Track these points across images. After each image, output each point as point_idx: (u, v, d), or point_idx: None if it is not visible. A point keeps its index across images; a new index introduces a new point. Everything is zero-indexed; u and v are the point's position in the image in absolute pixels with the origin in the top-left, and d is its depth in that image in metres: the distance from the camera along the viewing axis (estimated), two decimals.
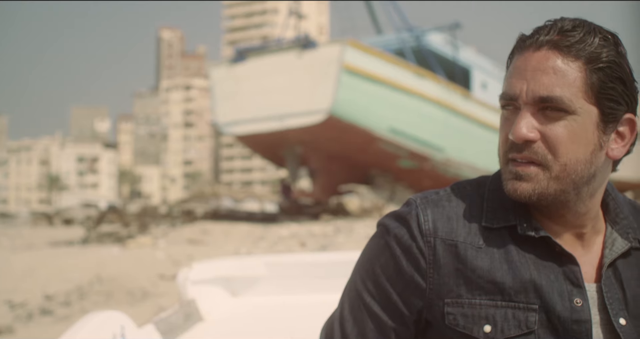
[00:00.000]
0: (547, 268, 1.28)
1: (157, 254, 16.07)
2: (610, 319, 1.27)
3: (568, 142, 1.22)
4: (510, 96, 1.26)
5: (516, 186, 1.26)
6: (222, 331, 2.83)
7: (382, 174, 28.27)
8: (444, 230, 1.31)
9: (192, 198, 36.62)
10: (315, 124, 25.21)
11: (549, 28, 1.25)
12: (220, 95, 27.60)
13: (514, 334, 1.25)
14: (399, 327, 1.35)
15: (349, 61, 25.24)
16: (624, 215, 1.37)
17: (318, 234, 19.53)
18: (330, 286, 3.12)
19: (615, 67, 1.23)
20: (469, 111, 30.24)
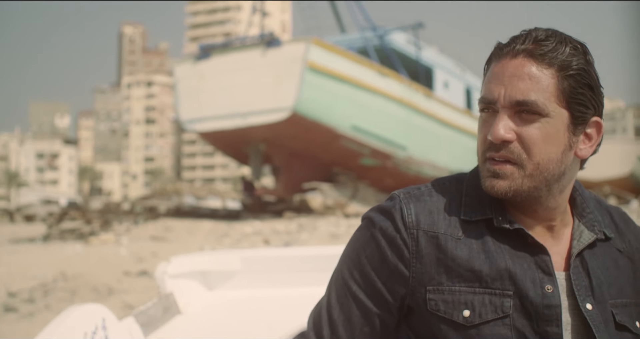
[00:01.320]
0: (521, 257, 1.40)
1: (120, 251, 16.03)
2: (578, 304, 1.39)
3: (541, 142, 1.35)
4: (489, 99, 1.38)
5: (494, 183, 1.38)
6: (200, 323, 2.91)
7: (344, 172, 28.38)
8: (426, 223, 1.43)
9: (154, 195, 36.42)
10: (278, 121, 25.25)
11: (524, 37, 1.38)
12: (183, 92, 27.50)
13: (490, 318, 1.37)
14: (383, 313, 1.47)
15: (312, 59, 25.31)
16: (590, 209, 1.50)
17: (281, 232, 19.60)
18: (304, 279, 3.22)
19: (584, 75, 1.36)
20: (431, 109, 30.48)
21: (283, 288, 3.20)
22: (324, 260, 3.24)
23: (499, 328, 1.37)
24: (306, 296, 3.10)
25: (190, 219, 25.64)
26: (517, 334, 1.36)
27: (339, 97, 26.15)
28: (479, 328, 1.37)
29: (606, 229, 1.50)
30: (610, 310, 1.42)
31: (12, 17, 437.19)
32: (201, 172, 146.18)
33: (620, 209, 1.61)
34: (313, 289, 3.14)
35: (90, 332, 2.26)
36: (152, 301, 2.84)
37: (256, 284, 3.21)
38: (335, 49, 26.56)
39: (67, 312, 2.25)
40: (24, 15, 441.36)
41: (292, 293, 3.17)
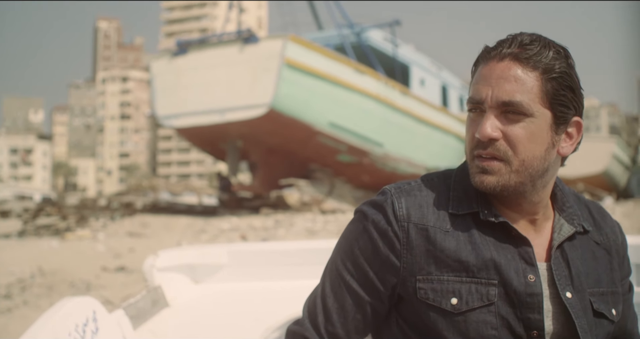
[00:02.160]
0: (505, 249, 1.49)
1: (97, 247, 15.99)
2: (559, 293, 1.49)
3: (526, 141, 1.44)
4: (477, 100, 1.47)
5: (482, 178, 1.47)
6: (187, 315, 2.98)
7: (321, 168, 28.44)
8: (416, 216, 1.52)
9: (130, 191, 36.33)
10: (256, 118, 25.24)
11: (510, 41, 1.47)
12: (160, 87, 27.41)
13: (477, 305, 1.46)
14: (375, 301, 1.55)
15: (290, 56, 25.33)
16: (570, 204, 1.60)
17: (258, 228, 19.62)
18: (290, 273, 3.31)
19: (566, 77, 1.45)
20: (407, 107, 30.61)
21: (269, 281, 3.28)
22: (309, 254, 3.33)
23: (484, 314, 1.46)
24: (292, 289, 3.19)
25: (167, 215, 25.59)
26: (501, 321, 1.45)
27: (316, 94, 26.20)
28: (465, 315, 1.46)
29: (585, 222, 1.60)
30: (589, 298, 1.52)
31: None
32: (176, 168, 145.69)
33: (597, 203, 1.71)
34: (298, 282, 3.23)
35: (81, 324, 2.32)
36: (141, 294, 2.90)
37: (243, 278, 3.28)
38: (312, 46, 26.60)
39: (59, 304, 2.31)
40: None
41: (278, 286, 3.25)
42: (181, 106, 26.64)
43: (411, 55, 32.89)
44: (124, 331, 2.64)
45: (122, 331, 2.63)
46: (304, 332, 1.61)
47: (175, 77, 26.85)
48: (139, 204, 28.26)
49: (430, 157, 32.13)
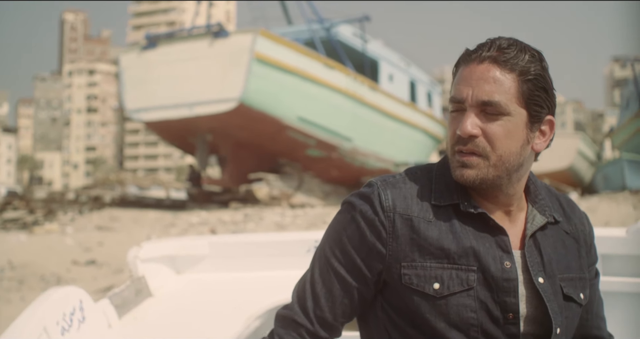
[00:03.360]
0: (483, 237, 1.61)
1: (66, 241, 15.95)
2: (532, 278, 1.62)
3: (503, 138, 1.57)
4: (458, 99, 1.59)
5: (463, 172, 1.59)
6: (171, 305, 3.05)
7: (290, 163, 28.51)
8: (401, 207, 1.63)
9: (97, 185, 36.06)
10: (225, 112, 25.24)
11: (490, 45, 1.59)
12: (129, 81, 27.29)
13: (457, 290, 1.58)
14: (361, 287, 1.67)
15: (260, 50, 25.35)
16: (542, 196, 1.73)
17: (228, 222, 19.66)
18: (269, 264, 3.40)
19: (540, 79, 1.58)
20: (376, 102, 30.78)
21: (249, 272, 3.37)
22: (288, 245, 3.43)
23: (464, 298, 1.58)
24: (272, 279, 3.29)
25: (136, 209, 25.52)
26: (480, 304, 1.58)
27: (285, 89, 26.26)
28: (447, 299, 1.58)
29: (555, 213, 1.73)
30: (559, 283, 1.65)
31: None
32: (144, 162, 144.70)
33: (567, 196, 1.84)
34: (278, 273, 3.34)
35: (69, 313, 2.39)
36: (125, 284, 2.97)
37: (224, 268, 3.38)
38: (282, 41, 26.64)
39: (46, 294, 2.38)
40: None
41: (258, 276, 3.35)
42: (150, 100, 26.55)
43: (380, 50, 33.05)
44: (110, 320, 2.71)
45: (107, 319, 2.70)
46: (293, 316, 1.71)
47: (145, 70, 26.75)
48: (108, 198, 28.12)
49: (399, 152, 32.34)
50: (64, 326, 2.34)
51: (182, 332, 2.76)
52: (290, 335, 1.71)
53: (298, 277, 2.98)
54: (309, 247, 3.33)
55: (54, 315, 2.28)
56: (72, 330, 2.37)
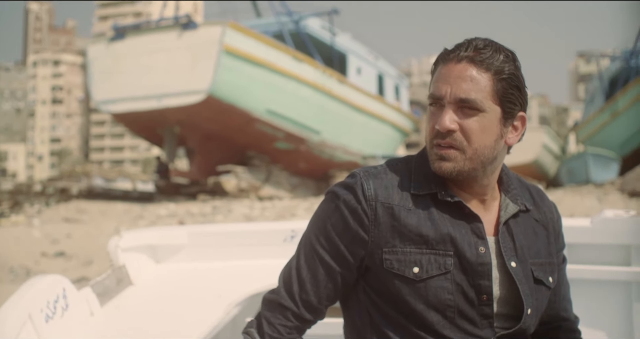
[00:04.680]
0: (460, 224, 1.73)
1: (33, 233, 15.87)
2: (505, 262, 1.74)
3: (479, 132, 1.68)
4: (437, 96, 1.70)
5: (441, 164, 1.71)
6: (151, 293, 3.12)
7: (259, 155, 28.54)
8: (382, 196, 1.74)
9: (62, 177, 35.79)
10: (194, 104, 25.19)
11: (467, 46, 1.70)
12: (97, 72, 27.10)
13: (435, 273, 1.69)
14: (345, 272, 1.77)
15: (229, 43, 25.31)
16: (514, 186, 1.86)
17: (196, 214, 19.67)
18: (247, 253, 3.49)
19: (514, 78, 1.70)
20: (344, 95, 30.89)
21: (228, 261, 3.45)
22: (266, 235, 3.52)
23: (442, 281, 1.69)
24: (250, 268, 3.38)
25: (103, 201, 25.41)
26: (456, 287, 1.69)
27: (254, 81, 26.25)
28: (426, 282, 1.69)
29: (526, 202, 1.85)
30: (530, 268, 1.78)
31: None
32: (109, 154, 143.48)
33: (537, 186, 1.97)
34: (256, 262, 3.43)
35: (52, 301, 2.46)
36: (107, 273, 3.04)
37: (203, 257, 3.45)
38: (251, 33, 26.61)
39: (30, 282, 2.44)
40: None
41: (237, 265, 3.43)
42: (119, 91, 26.40)
43: (348, 44, 33.14)
44: (92, 308, 2.77)
45: (89, 307, 2.76)
46: (279, 299, 1.82)
47: (113, 62, 26.58)
48: (75, 190, 27.96)
49: (367, 145, 32.50)
50: (48, 314, 2.40)
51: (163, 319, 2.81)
52: (277, 318, 1.81)
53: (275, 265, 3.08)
54: (286, 237, 3.42)
55: (38, 303, 2.34)
56: (55, 317, 2.43)
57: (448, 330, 1.69)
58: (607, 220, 3.09)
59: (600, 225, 3.10)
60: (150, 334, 2.63)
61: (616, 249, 3.11)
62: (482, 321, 1.71)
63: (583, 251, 3.13)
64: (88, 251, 12.54)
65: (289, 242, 3.39)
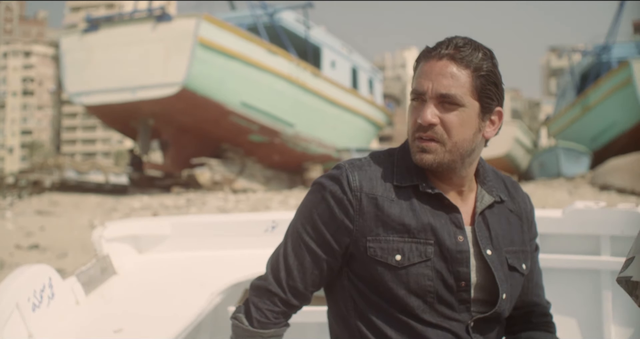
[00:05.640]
0: (439, 215, 1.83)
1: (5, 225, 15.78)
2: (481, 250, 1.84)
3: (459, 126, 1.78)
4: (419, 91, 1.80)
5: (422, 156, 1.80)
6: (135, 282, 3.18)
7: (233, 148, 28.52)
8: (367, 187, 1.83)
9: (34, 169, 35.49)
10: (168, 96, 25.11)
11: (447, 44, 1.80)
12: (70, 64, 26.90)
13: (416, 261, 1.79)
14: (330, 259, 1.87)
15: (203, 35, 25.26)
16: (490, 178, 1.96)
17: (170, 206, 19.65)
18: (229, 243, 3.56)
19: (491, 75, 1.80)
20: (318, 88, 30.95)
21: (210, 251, 3.52)
22: (247, 226, 3.59)
23: (422, 268, 1.79)
24: (232, 258, 3.45)
25: (76, 193, 25.30)
26: (436, 273, 1.79)
27: (228, 74, 26.22)
28: (407, 269, 1.79)
29: (501, 194, 1.96)
30: (505, 255, 1.88)
31: None
32: (81, 147, 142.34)
33: (511, 178, 2.08)
34: (238, 252, 3.50)
35: (39, 290, 2.52)
36: (91, 262, 3.09)
37: (185, 247, 3.52)
38: (225, 26, 26.56)
39: (17, 272, 2.49)
40: None
41: (219, 255, 3.50)
42: (92, 83, 26.24)
43: (323, 37, 33.19)
44: (77, 296, 2.83)
45: (75, 296, 2.82)
46: (267, 286, 1.91)
47: (86, 54, 26.41)
48: (48, 183, 27.78)
49: (340, 138, 32.59)
50: (35, 303, 2.45)
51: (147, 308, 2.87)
52: (265, 303, 1.90)
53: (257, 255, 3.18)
54: (267, 228, 3.49)
55: (25, 292, 2.40)
56: (42, 306, 2.49)
57: (428, 314, 1.79)
58: (577, 211, 3.21)
59: (571, 216, 3.22)
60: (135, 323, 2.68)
61: (586, 239, 3.23)
62: (460, 306, 1.81)
63: (555, 241, 3.24)
64: (62, 243, 12.51)
65: (270, 232, 3.47)
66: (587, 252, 3.23)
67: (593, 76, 34.59)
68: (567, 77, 39.99)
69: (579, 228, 3.22)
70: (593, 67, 35.30)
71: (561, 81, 43.99)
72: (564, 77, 42.10)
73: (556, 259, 3.20)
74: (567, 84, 39.15)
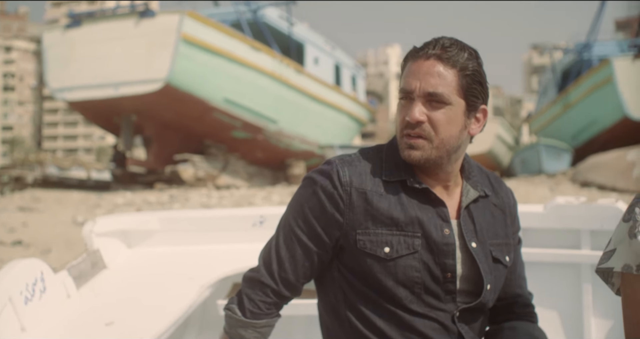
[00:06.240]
0: (426, 209, 1.90)
1: None
2: (466, 243, 1.92)
3: (445, 124, 1.85)
4: (408, 90, 1.87)
5: (410, 152, 1.87)
6: (125, 276, 3.23)
7: (216, 144, 28.47)
8: (357, 182, 1.90)
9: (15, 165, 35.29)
10: (151, 92, 25.01)
11: (434, 44, 1.87)
12: (53, 60, 26.74)
13: (404, 253, 1.86)
14: (321, 251, 1.94)
15: (187, 32, 25.18)
16: (474, 174, 2.03)
17: (153, 202, 19.61)
18: (217, 238, 3.61)
19: (477, 74, 1.87)
20: (301, 85, 30.95)
21: (198, 246, 3.58)
22: (235, 221, 3.65)
23: (410, 260, 1.86)
24: (220, 252, 3.51)
25: (59, 189, 25.19)
26: (423, 265, 1.86)
27: (212, 70, 26.15)
28: (395, 261, 1.86)
29: (486, 188, 2.03)
30: (489, 248, 1.96)
31: None
32: (63, 143, 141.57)
33: (495, 174, 2.16)
34: (226, 246, 3.56)
35: (31, 283, 2.56)
36: (82, 257, 3.14)
37: (174, 242, 3.57)
38: (209, 22, 26.49)
39: (10, 265, 2.54)
40: None
41: (207, 249, 3.55)
42: (75, 79, 26.08)
43: (306, 34, 33.18)
44: (68, 290, 2.88)
45: (66, 290, 2.87)
46: (260, 277, 1.97)
47: (69, 49, 26.26)
48: (30, 179, 27.64)
49: (323, 134, 32.61)
50: (27, 296, 2.50)
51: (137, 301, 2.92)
52: (257, 294, 1.96)
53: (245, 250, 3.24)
54: (255, 222, 3.55)
55: (18, 286, 2.45)
56: (34, 300, 2.54)
57: (415, 305, 1.86)
58: (559, 206, 3.29)
59: (553, 211, 3.30)
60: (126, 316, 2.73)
61: (567, 233, 3.31)
62: (446, 296, 1.89)
63: (537, 235, 3.32)
64: (46, 239, 12.50)
65: (257, 227, 3.53)
66: (568, 246, 3.31)
67: (574, 74, 34.80)
68: (548, 74, 40.22)
69: (560, 223, 3.30)
70: (574, 65, 35.50)
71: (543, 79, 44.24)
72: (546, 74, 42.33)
73: (538, 253, 3.28)
74: (548, 82, 39.37)
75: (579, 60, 35.18)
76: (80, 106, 27.59)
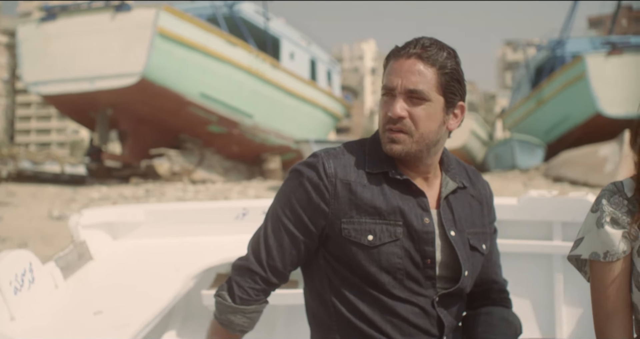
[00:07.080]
0: (407, 199, 2.01)
1: None
2: (445, 232, 2.03)
3: (425, 119, 1.97)
4: (390, 87, 1.98)
5: (392, 146, 1.99)
6: (112, 267, 3.31)
7: (192, 138, 28.43)
8: (341, 173, 2.01)
9: None
10: (126, 86, 24.90)
11: (415, 44, 1.98)
12: (27, 53, 26.53)
13: (387, 241, 1.97)
14: (307, 240, 2.04)
15: (163, 26, 25.11)
16: (453, 166, 2.15)
17: (129, 197, 19.57)
18: (201, 230, 3.70)
19: (455, 73, 1.98)
20: (277, 79, 30.97)
21: (183, 237, 3.66)
22: (218, 213, 3.74)
23: (392, 247, 1.97)
24: (204, 244, 3.60)
25: (33, 184, 25.03)
26: (404, 252, 1.97)
27: (188, 65, 26.08)
28: (379, 248, 1.97)
29: (464, 180, 2.15)
30: (467, 236, 2.08)
31: None
32: (36, 137, 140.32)
33: (472, 167, 2.27)
34: (210, 238, 3.65)
35: (20, 274, 2.64)
36: (69, 248, 3.21)
37: (159, 234, 3.66)
38: (185, 17, 26.42)
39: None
40: None
41: (191, 241, 3.64)
42: (50, 73, 25.91)
43: (282, 29, 33.18)
44: (56, 281, 2.95)
45: (54, 280, 2.94)
46: (249, 265, 2.07)
47: (44, 43, 26.07)
48: (4, 173, 27.46)
49: (299, 129, 32.65)
50: (17, 286, 2.57)
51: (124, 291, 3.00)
52: (246, 281, 2.06)
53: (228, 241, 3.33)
54: (238, 215, 3.64)
55: (7, 276, 2.52)
56: (23, 290, 2.61)
57: (397, 290, 1.97)
58: (532, 199, 3.41)
59: (526, 203, 3.42)
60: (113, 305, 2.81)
61: (539, 225, 3.44)
62: (426, 282, 2.00)
63: (510, 227, 3.44)
64: (21, 234, 12.47)
65: (240, 219, 3.62)
66: (540, 238, 3.43)
67: (547, 70, 35.07)
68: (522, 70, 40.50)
69: (533, 215, 3.42)
70: (548, 61, 35.77)
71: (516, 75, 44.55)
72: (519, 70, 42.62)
73: (512, 244, 3.40)
74: (522, 78, 39.66)
75: (552, 56, 35.44)
76: (56, 99, 27.41)
